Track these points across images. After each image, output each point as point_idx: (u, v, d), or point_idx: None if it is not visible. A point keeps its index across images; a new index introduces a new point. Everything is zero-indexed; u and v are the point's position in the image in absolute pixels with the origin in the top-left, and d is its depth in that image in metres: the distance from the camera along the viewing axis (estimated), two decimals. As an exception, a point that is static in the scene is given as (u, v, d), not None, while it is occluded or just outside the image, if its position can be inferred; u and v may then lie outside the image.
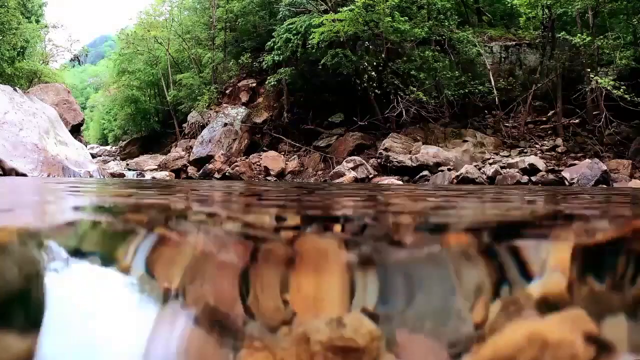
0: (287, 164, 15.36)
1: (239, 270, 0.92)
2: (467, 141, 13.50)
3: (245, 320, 0.77)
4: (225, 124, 17.29)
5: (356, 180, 12.38)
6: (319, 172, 14.54)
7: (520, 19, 15.33)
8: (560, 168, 11.41)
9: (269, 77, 16.54)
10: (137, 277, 0.94)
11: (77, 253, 1.05)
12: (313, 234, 1.37)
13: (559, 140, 13.02)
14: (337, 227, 1.56)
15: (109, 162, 21.21)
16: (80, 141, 17.01)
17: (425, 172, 12.20)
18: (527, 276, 0.90)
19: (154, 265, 0.95)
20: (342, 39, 14.07)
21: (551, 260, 0.94)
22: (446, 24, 14.71)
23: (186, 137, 19.85)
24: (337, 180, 12.38)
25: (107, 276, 0.95)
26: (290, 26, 15.45)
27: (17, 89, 13.82)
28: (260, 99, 18.47)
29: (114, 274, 0.97)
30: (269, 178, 14.49)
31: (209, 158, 16.25)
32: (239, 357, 0.65)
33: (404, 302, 0.84)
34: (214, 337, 0.70)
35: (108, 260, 1.01)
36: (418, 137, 13.85)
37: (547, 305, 0.83)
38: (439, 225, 1.60)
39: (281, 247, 1.05)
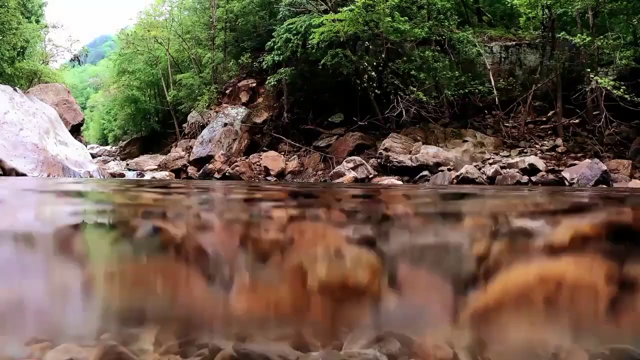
0: (287, 164, 15.35)
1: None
2: (467, 141, 13.50)
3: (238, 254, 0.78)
4: (225, 124, 17.28)
5: (356, 180, 12.38)
6: (319, 172, 14.53)
7: (520, 19, 15.33)
8: (560, 168, 11.40)
9: (269, 77, 16.53)
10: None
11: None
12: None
13: (559, 140, 13.02)
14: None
15: (109, 162, 21.21)
16: (80, 141, 17.00)
17: (425, 172, 12.19)
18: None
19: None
20: (342, 39, 14.07)
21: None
22: (446, 24, 14.70)
23: (186, 137, 19.85)
24: (337, 180, 12.38)
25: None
26: (290, 26, 15.44)
27: (17, 89, 13.82)
28: (260, 99, 18.47)
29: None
30: (269, 178, 14.48)
31: (209, 158, 16.25)
32: (230, 296, 0.66)
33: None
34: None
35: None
36: (418, 137, 13.85)
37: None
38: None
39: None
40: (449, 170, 11.96)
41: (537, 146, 13.12)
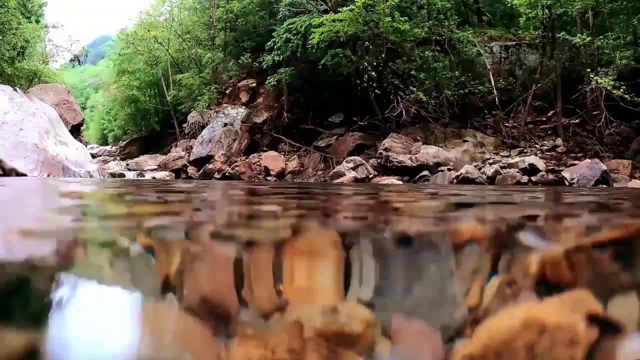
0: (287, 164, 15.35)
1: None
2: (467, 141, 13.50)
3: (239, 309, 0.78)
4: (225, 124, 17.29)
5: (356, 180, 12.38)
6: (319, 172, 14.54)
7: (520, 19, 15.34)
8: (560, 168, 11.40)
9: (269, 77, 16.53)
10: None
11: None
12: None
13: (559, 140, 13.02)
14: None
15: (109, 162, 21.21)
16: (80, 141, 17.01)
17: (425, 172, 12.20)
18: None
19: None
20: (342, 39, 14.07)
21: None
22: (446, 24, 14.71)
23: (186, 137, 19.85)
24: (337, 180, 12.38)
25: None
26: (290, 26, 15.45)
27: (17, 89, 13.82)
28: (260, 99, 18.47)
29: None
30: (269, 178, 14.48)
31: (209, 158, 16.25)
32: (232, 345, 0.65)
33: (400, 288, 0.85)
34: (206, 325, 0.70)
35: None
36: (418, 137, 13.85)
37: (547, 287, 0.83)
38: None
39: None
40: (449, 170, 11.96)
41: (537, 146, 13.12)
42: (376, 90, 14.13)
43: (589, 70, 12.37)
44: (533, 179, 11.01)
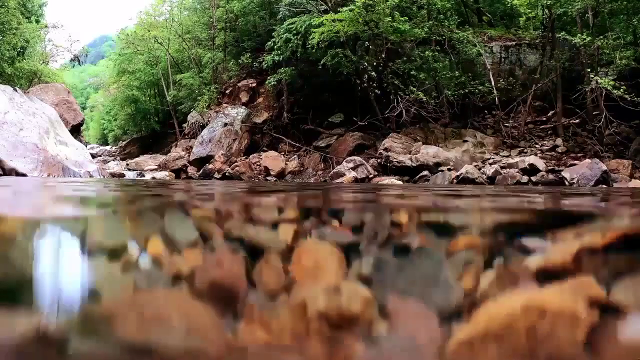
0: (287, 164, 15.35)
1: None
2: (467, 141, 13.50)
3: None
4: (225, 124, 17.28)
5: (356, 180, 12.38)
6: (319, 172, 14.54)
7: (520, 19, 15.33)
8: (560, 168, 11.40)
9: (269, 77, 16.53)
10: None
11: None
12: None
13: (559, 140, 13.02)
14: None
15: (109, 162, 21.21)
16: (80, 141, 17.00)
17: (425, 172, 12.19)
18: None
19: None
20: (342, 39, 14.06)
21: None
22: (446, 24, 14.70)
23: (186, 137, 19.85)
24: (337, 180, 12.38)
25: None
26: (290, 26, 15.45)
27: (17, 89, 13.82)
28: (260, 99, 18.47)
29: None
30: (269, 178, 14.48)
31: (209, 158, 16.25)
32: (238, 327, 0.66)
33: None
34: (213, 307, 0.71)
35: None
36: (418, 137, 13.84)
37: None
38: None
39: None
40: (449, 170, 11.95)
41: (537, 146, 13.12)
42: (376, 90, 14.13)
43: (589, 70, 12.36)
44: (533, 179, 11.01)
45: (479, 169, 11.83)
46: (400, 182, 11.59)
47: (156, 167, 17.70)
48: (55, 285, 0.82)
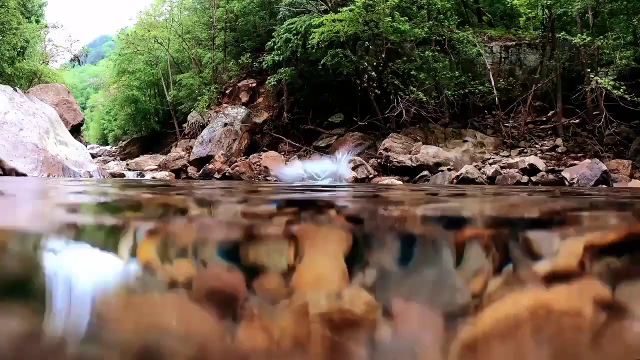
0: (287, 164, 15.35)
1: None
2: (467, 141, 13.50)
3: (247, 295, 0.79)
4: (225, 124, 17.28)
5: (356, 180, 12.38)
6: (319, 172, 14.54)
7: (520, 19, 15.33)
8: (560, 168, 11.40)
9: (269, 77, 16.53)
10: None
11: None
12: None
13: (559, 140, 13.02)
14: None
15: (109, 162, 21.20)
16: (80, 141, 16.99)
17: (425, 172, 12.19)
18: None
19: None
20: (342, 39, 14.06)
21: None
22: (446, 24, 14.70)
23: (186, 137, 19.85)
24: (337, 180, 12.37)
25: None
26: (290, 26, 15.44)
27: (17, 89, 13.82)
28: (260, 99, 18.46)
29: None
30: (269, 178, 14.48)
31: (209, 158, 16.24)
32: (239, 330, 0.66)
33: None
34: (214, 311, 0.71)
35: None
36: (418, 137, 13.84)
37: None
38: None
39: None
40: (449, 170, 11.95)
41: (537, 146, 13.12)
42: (376, 90, 14.13)
43: (589, 70, 12.36)
44: (533, 179, 11.01)
45: (479, 169, 11.83)
46: (400, 182, 11.59)
47: (156, 167, 17.69)
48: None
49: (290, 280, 0.86)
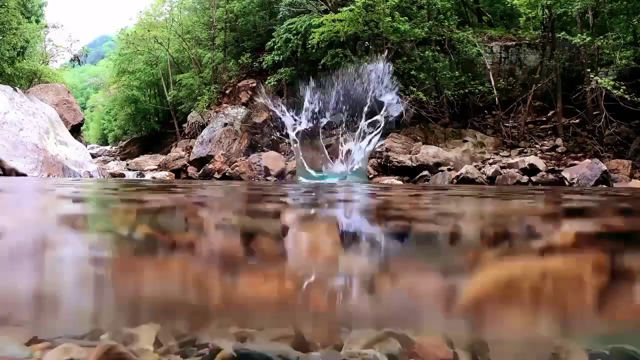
0: (287, 164, 15.34)
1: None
2: (467, 141, 13.50)
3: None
4: (225, 124, 17.28)
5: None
6: (319, 172, 14.52)
7: (520, 19, 15.33)
8: (560, 168, 11.40)
9: (269, 77, 16.53)
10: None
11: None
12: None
13: (559, 140, 13.02)
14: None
15: (109, 162, 21.19)
16: (80, 141, 16.99)
17: (425, 172, 12.19)
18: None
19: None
20: (342, 39, 14.07)
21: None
22: (446, 24, 14.71)
23: (186, 137, 19.85)
24: (337, 180, 12.36)
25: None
26: (290, 26, 15.45)
27: (17, 89, 13.82)
28: (260, 99, 18.46)
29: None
30: (269, 178, 14.47)
31: (209, 158, 16.24)
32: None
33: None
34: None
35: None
36: (418, 137, 13.85)
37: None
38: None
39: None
40: (449, 170, 11.95)
41: (537, 146, 13.12)
42: (376, 90, 14.13)
43: (589, 70, 12.37)
44: (533, 179, 11.01)
45: (479, 169, 11.83)
46: (400, 182, 11.59)
47: (156, 167, 17.69)
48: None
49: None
